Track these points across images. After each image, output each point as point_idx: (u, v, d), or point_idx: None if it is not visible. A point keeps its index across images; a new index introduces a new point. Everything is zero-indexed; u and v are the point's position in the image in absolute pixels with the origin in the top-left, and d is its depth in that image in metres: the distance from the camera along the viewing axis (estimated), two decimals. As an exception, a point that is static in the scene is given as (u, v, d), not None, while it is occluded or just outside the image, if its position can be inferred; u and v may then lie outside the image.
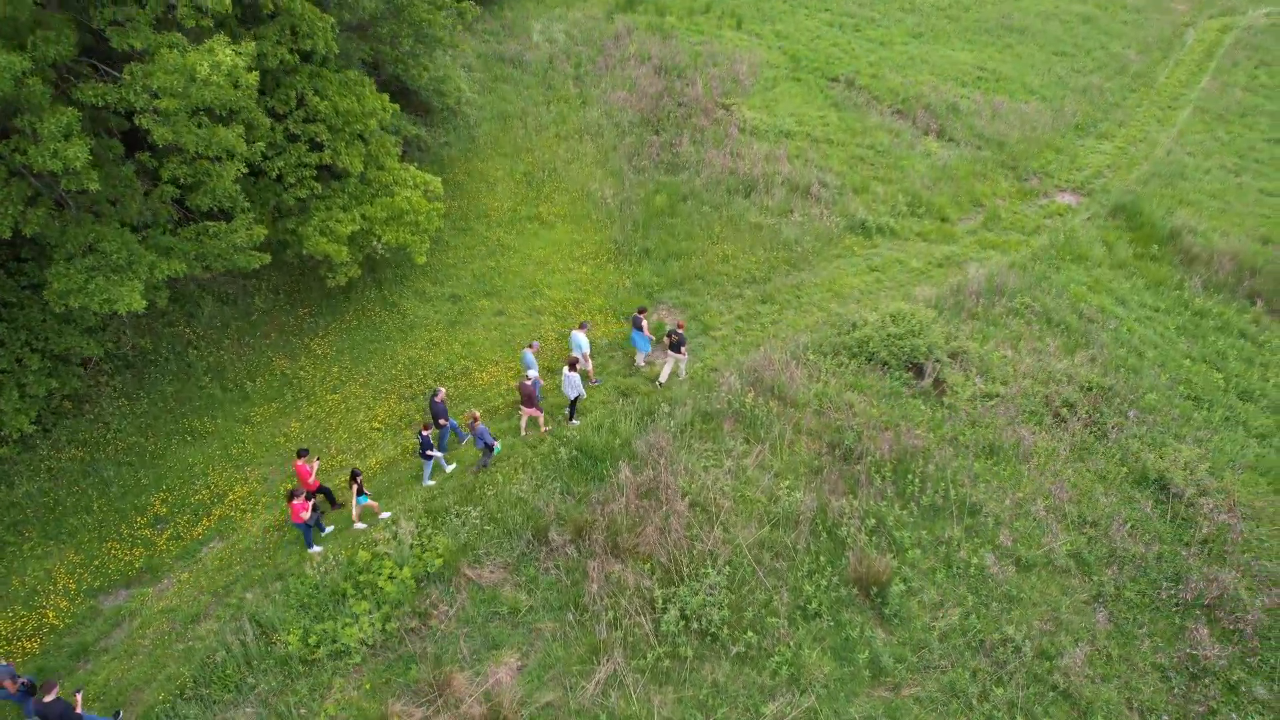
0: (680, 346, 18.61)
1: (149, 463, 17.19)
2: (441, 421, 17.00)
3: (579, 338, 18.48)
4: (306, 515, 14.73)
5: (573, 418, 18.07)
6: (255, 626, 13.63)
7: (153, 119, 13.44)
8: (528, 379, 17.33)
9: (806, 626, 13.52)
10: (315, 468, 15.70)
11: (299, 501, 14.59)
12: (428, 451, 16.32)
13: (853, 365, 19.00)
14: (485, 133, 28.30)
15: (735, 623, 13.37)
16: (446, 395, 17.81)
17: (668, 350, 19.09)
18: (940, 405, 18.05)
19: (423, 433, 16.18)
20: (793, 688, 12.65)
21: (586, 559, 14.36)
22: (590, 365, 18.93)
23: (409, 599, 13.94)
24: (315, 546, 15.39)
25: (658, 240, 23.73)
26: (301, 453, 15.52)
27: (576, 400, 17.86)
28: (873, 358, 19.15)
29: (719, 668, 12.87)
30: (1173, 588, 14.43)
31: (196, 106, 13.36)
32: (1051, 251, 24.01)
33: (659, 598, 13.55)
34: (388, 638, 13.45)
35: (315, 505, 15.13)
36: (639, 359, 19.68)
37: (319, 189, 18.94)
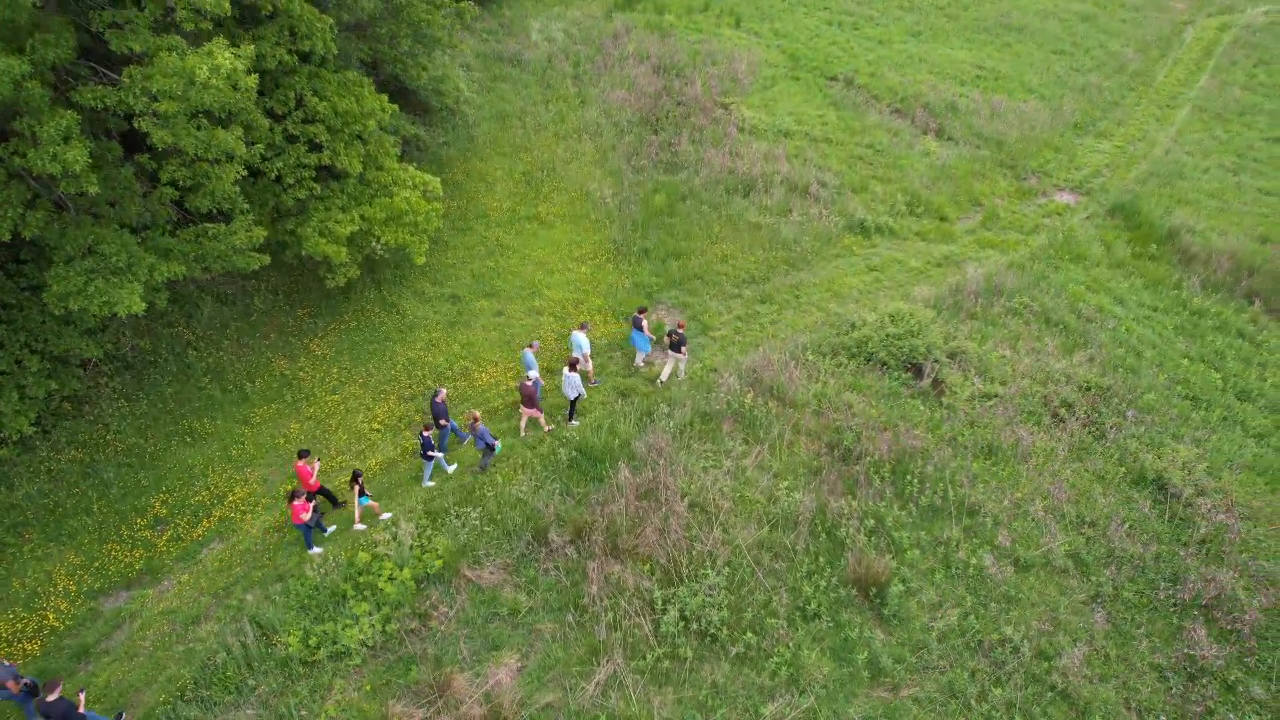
0: (680, 346, 18.62)
1: (149, 464, 17.20)
2: (442, 422, 17.01)
3: (579, 338, 18.50)
4: (307, 516, 14.75)
5: (572, 418, 18.09)
6: (255, 628, 13.66)
7: (152, 122, 13.43)
8: (528, 380, 17.34)
9: (805, 627, 13.56)
10: (316, 469, 15.71)
11: (299, 502, 14.61)
12: (429, 452, 16.34)
13: (852, 365, 19.02)
14: (484, 132, 28.27)
15: (734, 623, 13.41)
16: (447, 396, 17.83)
17: (668, 350, 19.10)
18: (939, 405, 18.08)
19: (424, 433, 16.20)
20: (792, 688, 12.70)
21: (586, 560, 14.40)
22: (590, 366, 18.94)
23: (409, 600, 13.98)
24: (315, 548, 15.42)
25: (657, 240, 23.72)
26: (302, 453, 15.53)
27: (576, 400, 17.88)
28: (871, 358, 19.17)
29: (718, 668, 12.91)
30: (1170, 588, 14.48)
31: (195, 109, 13.35)
32: (1050, 251, 24.04)
33: (658, 599, 13.58)
34: (388, 639, 13.49)
35: (316, 506, 15.15)
36: (638, 359, 19.69)
37: (318, 190, 18.94)
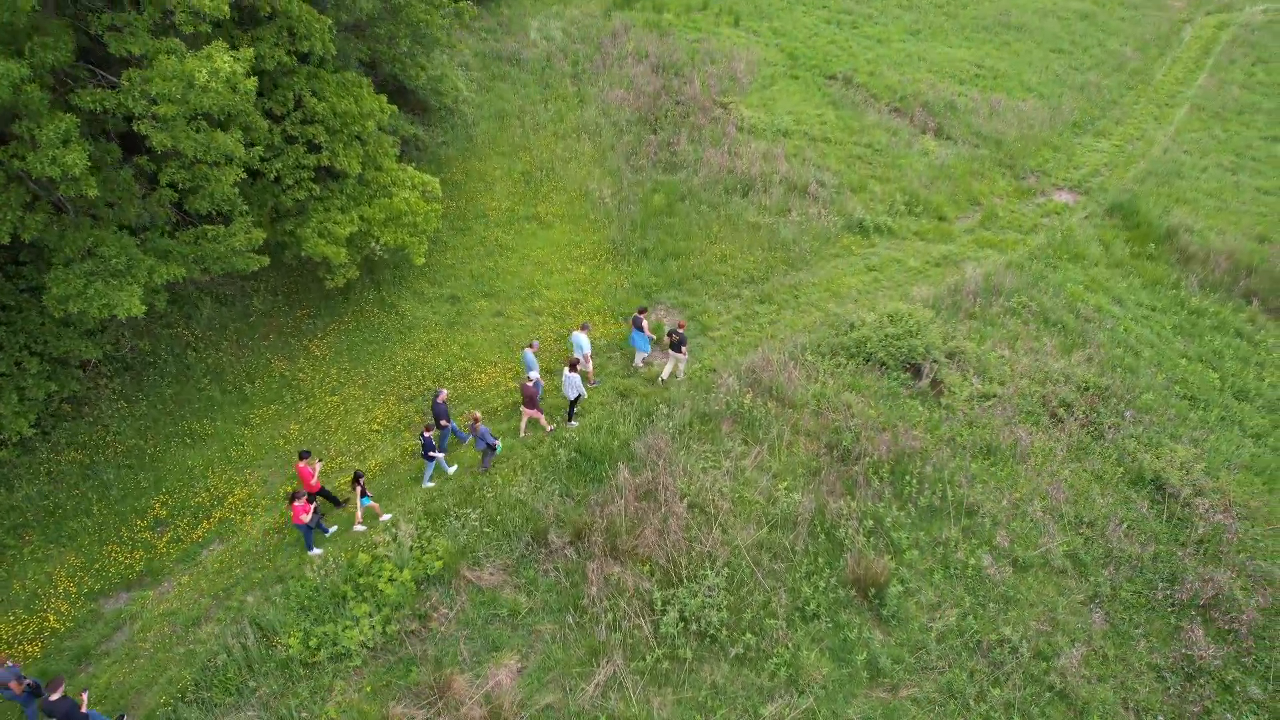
0: (681, 346, 18.65)
1: (148, 465, 17.21)
2: (443, 423, 17.03)
3: (580, 339, 18.51)
4: (307, 517, 14.77)
5: (571, 419, 18.11)
6: (256, 629, 13.70)
7: (151, 125, 13.41)
8: (529, 380, 17.35)
9: (805, 628, 13.60)
10: (317, 469, 15.74)
11: (300, 503, 14.63)
12: (430, 453, 16.36)
13: (850, 366, 19.05)
14: (483, 132, 28.24)
15: (734, 624, 13.45)
16: (448, 397, 17.86)
17: (668, 350, 19.13)
18: (938, 406, 18.11)
19: (425, 434, 16.22)
20: (791, 689, 12.74)
21: (586, 561, 14.43)
22: (591, 366, 18.96)
23: (409, 601, 14.01)
24: (315, 549, 15.44)
25: (656, 240, 23.73)
26: (303, 454, 15.56)
27: (576, 401, 17.90)
28: (870, 358, 19.20)
29: (718, 669, 12.95)
30: (1168, 588, 14.52)
31: (195, 112, 13.34)
32: (1048, 250, 24.07)
33: (658, 599, 13.62)
34: (388, 640, 13.52)
35: (316, 507, 15.17)
36: (638, 359, 19.71)
37: (317, 190, 18.93)
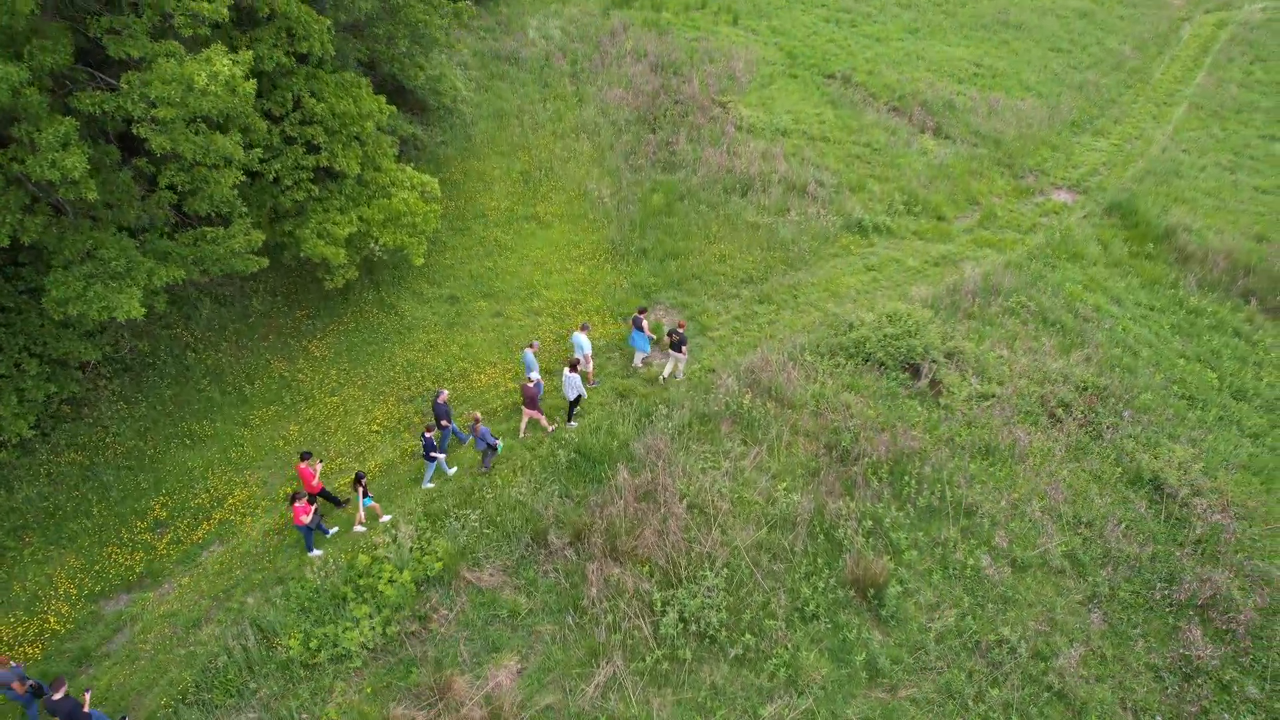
0: (681, 346, 18.68)
1: (148, 466, 17.22)
2: (444, 423, 17.05)
3: (581, 339, 18.52)
4: (307, 518, 14.79)
5: (571, 419, 18.13)
6: (256, 631, 13.73)
7: (150, 128, 13.40)
8: (530, 381, 17.37)
9: (804, 628, 13.64)
10: (318, 470, 15.77)
11: (300, 504, 14.65)
12: (431, 453, 16.38)
13: (849, 366, 19.07)
14: (482, 131, 28.23)
15: (733, 625, 13.49)
16: (449, 397, 17.88)
17: (668, 350, 19.17)
18: (936, 406, 18.14)
19: (426, 434, 16.23)
20: (790, 689, 12.78)
21: (585, 562, 14.47)
22: (591, 366, 18.98)
23: (409, 602, 14.04)
24: (315, 550, 15.47)
25: (655, 240, 23.73)
26: (304, 455, 15.59)
27: (576, 401, 17.92)
28: (869, 358, 19.23)
29: (717, 670, 12.99)
30: (1166, 588, 14.57)
31: (194, 115, 13.33)
32: (1047, 250, 24.10)
33: (657, 600, 13.65)
34: (388, 641, 13.55)
35: (317, 509, 15.19)
36: (637, 359, 19.73)
37: (316, 191, 18.91)
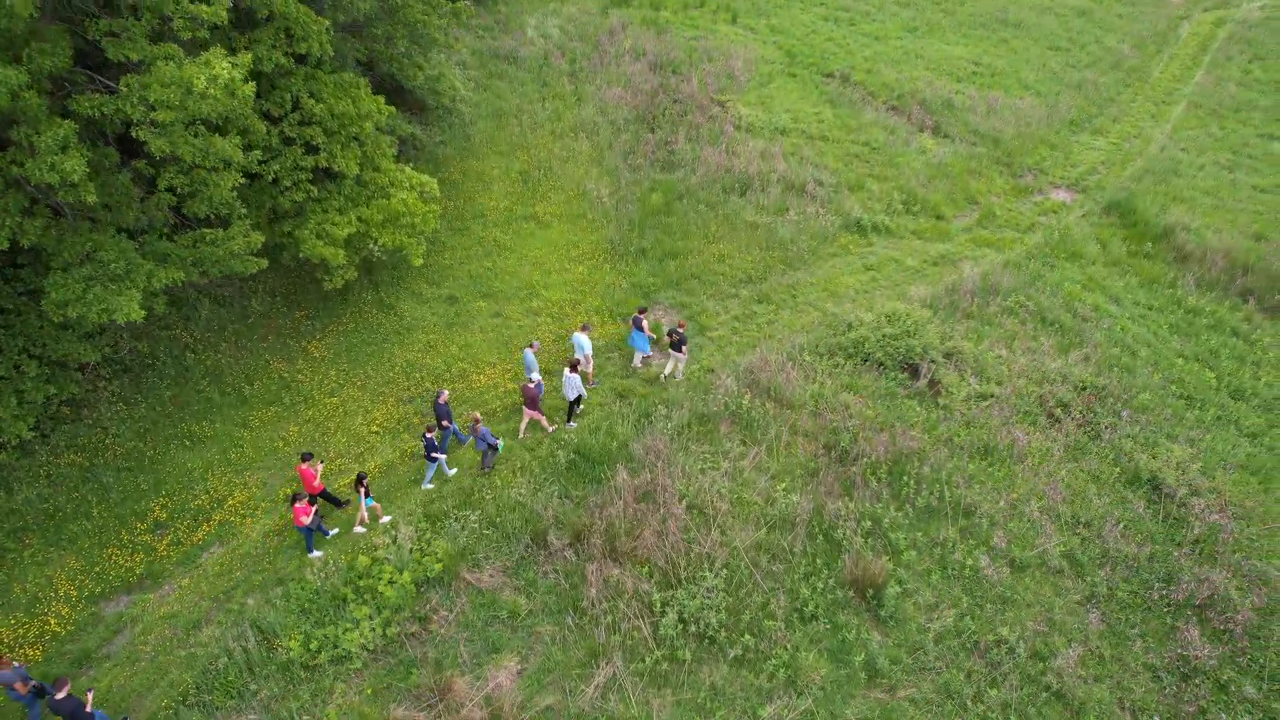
0: (681, 346, 18.70)
1: (148, 468, 17.23)
2: (445, 423, 17.07)
3: (581, 339, 18.54)
4: (308, 519, 14.81)
5: (570, 419, 18.15)
6: (256, 632, 13.75)
7: (149, 131, 13.39)
8: (531, 382, 17.39)
9: (803, 629, 13.68)
10: (319, 471, 15.80)
11: (301, 505, 14.68)
12: (432, 453, 16.41)
13: (848, 366, 19.10)
14: (480, 130, 28.21)
15: (733, 625, 13.53)
16: (449, 397, 17.91)
17: (669, 350, 19.20)
18: (935, 406, 18.17)
19: (427, 434, 16.25)
20: (790, 690, 12.82)
21: (585, 563, 14.50)
22: (591, 367, 19.01)
23: (409, 604, 14.06)
24: (315, 551, 15.49)
25: (654, 240, 23.74)
26: (305, 456, 15.62)
27: (576, 401, 17.94)
28: (868, 358, 19.26)
29: (717, 670, 13.03)
30: (1164, 588, 14.61)
31: (193, 118, 13.32)
32: (1046, 249, 24.13)
33: (657, 601, 13.69)
34: (388, 643, 13.58)
35: (317, 510, 15.21)
36: (636, 359, 19.75)
37: (315, 192, 18.90)
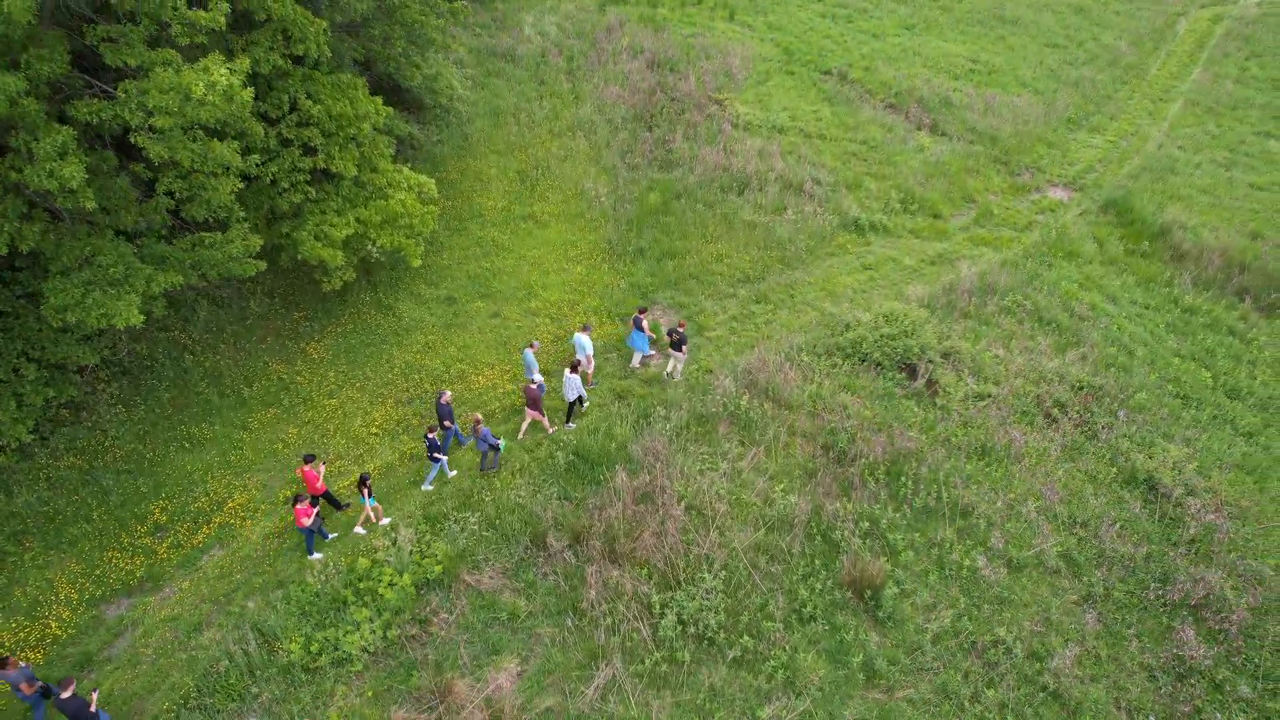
0: (681, 346, 18.75)
1: (148, 470, 17.25)
2: (447, 423, 17.12)
3: (582, 340, 18.58)
4: (309, 520, 14.86)
5: (569, 420, 18.20)
6: (257, 635, 13.80)
7: (148, 137, 13.39)
8: (533, 382, 17.43)
9: (802, 630, 13.75)
10: (322, 472, 15.87)
11: (303, 506, 14.72)
12: (435, 453, 16.45)
13: (846, 366, 19.15)
14: (478, 129, 28.19)
15: (731, 627, 13.59)
16: (452, 398, 17.96)
17: (669, 350, 19.25)
18: (933, 406, 18.22)
19: (428, 435, 16.30)
20: (788, 691, 12.90)
21: (584, 564, 14.55)
22: (592, 367, 19.06)
23: (409, 606, 14.12)
24: (316, 553, 15.54)
25: (652, 239, 23.76)
26: (308, 458, 15.68)
27: (576, 401, 17.98)
28: (866, 358, 19.31)
29: (716, 672, 13.10)
30: (1160, 588, 14.69)
31: (191, 123, 13.31)
32: (1043, 248, 24.16)
33: (656, 603, 13.74)
34: (389, 645, 13.63)
35: (318, 511, 15.24)
36: (635, 360, 19.79)
37: (313, 193, 18.91)
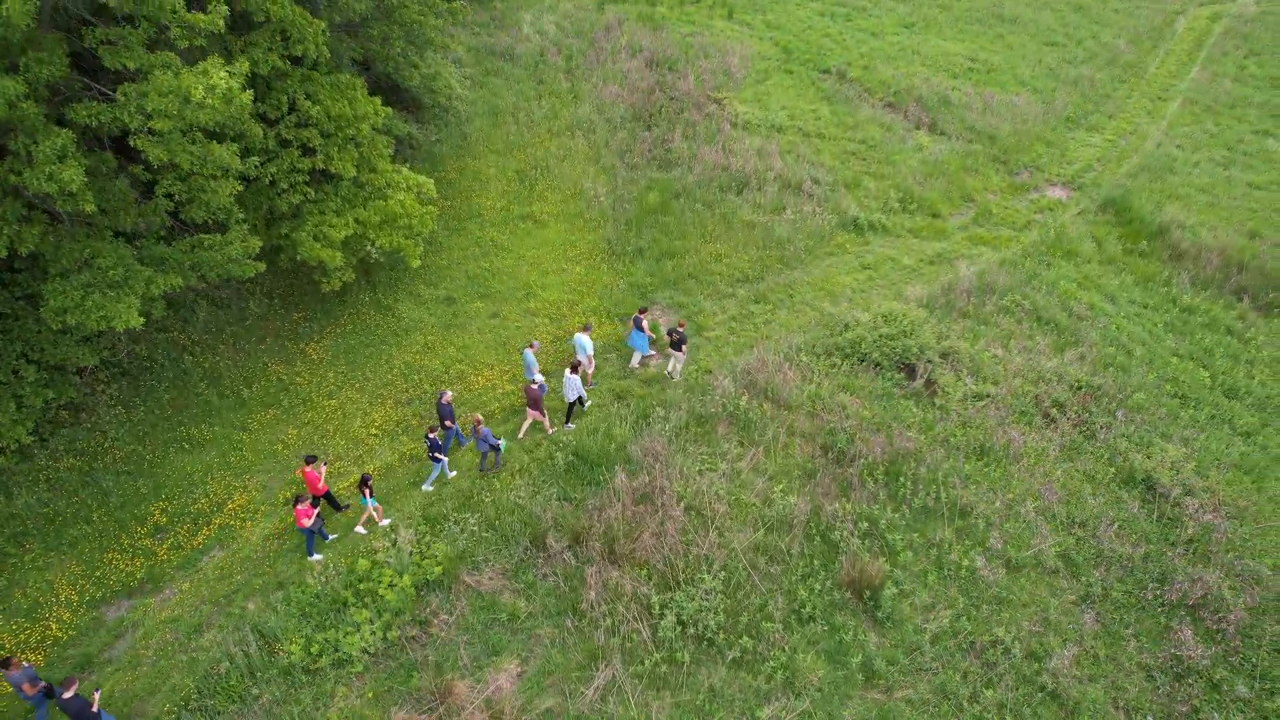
0: (681, 345, 18.78)
1: (147, 471, 17.26)
2: (448, 423, 17.14)
3: (583, 340, 18.60)
4: (310, 521, 14.88)
5: (569, 420, 18.22)
6: (257, 636, 13.83)
7: (147, 139, 13.38)
8: (534, 383, 17.45)
9: (801, 630, 13.79)
10: (324, 472, 15.89)
11: (303, 507, 14.74)
12: (436, 453, 16.47)
13: (845, 366, 19.18)
14: (477, 129, 28.16)
15: (731, 627, 13.63)
16: (453, 398, 17.98)
17: (669, 349, 19.28)
18: (932, 406, 18.26)
19: (429, 435, 16.32)
20: (788, 691, 12.94)
21: (584, 565, 14.59)
22: (593, 367, 19.08)
23: (409, 607, 14.15)
24: (316, 554, 15.56)
25: (651, 239, 23.76)
26: (309, 459, 15.71)
27: (577, 402, 18.00)
28: (865, 358, 19.33)
29: (715, 672, 13.14)
30: (1158, 588, 14.74)
31: (191, 126, 13.30)
32: (1042, 248, 24.18)
33: (656, 603, 13.78)
34: (389, 646, 13.67)
35: (319, 512, 15.26)
36: (635, 359, 19.81)
37: (312, 194, 18.89)
